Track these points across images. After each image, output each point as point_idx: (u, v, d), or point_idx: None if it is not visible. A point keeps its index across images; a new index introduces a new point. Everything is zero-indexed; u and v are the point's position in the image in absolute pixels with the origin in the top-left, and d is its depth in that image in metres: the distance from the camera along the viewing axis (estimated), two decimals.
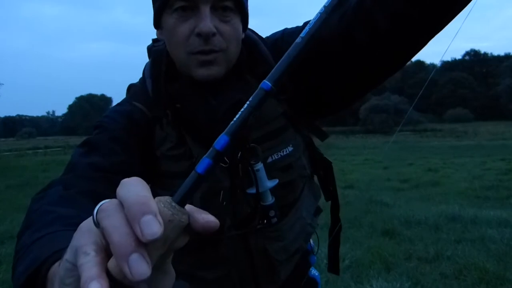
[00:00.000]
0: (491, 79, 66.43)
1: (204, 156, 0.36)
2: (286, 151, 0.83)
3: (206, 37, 0.74)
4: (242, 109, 0.38)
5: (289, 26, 0.90)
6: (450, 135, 27.88)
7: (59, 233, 0.51)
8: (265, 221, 0.83)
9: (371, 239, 3.97)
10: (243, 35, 0.83)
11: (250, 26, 0.87)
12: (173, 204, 0.34)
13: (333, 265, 1.02)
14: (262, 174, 0.79)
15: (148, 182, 0.77)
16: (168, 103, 0.81)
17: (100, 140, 0.78)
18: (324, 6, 0.41)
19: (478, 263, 3.12)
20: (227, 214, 0.81)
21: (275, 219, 0.83)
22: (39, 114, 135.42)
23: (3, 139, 72.70)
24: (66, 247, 0.36)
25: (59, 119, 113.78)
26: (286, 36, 0.86)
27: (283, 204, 0.84)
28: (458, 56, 75.87)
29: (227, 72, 0.79)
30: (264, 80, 0.39)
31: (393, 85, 59.68)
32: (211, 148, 0.37)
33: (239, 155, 0.79)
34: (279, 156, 0.82)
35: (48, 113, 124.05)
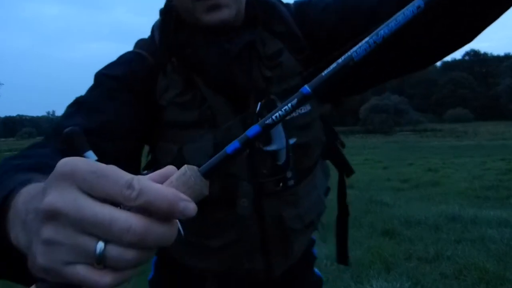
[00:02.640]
0: (491, 79, 66.41)
1: (236, 139, 0.37)
2: (304, 109, 0.80)
3: None
4: (277, 109, 0.38)
5: None
6: (450, 135, 27.86)
7: (11, 174, 0.48)
8: (281, 184, 0.79)
9: (371, 239, 3.97)
10: None
11: None
12: (198, 173, 0.35)
13: (342, 256, 0.99)
14: (280, 130, 0.76)
15: (149, 136, 0.77)
16: (176, 50, 0.78)
17: (89, 99, 0.74)
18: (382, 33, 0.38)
19: (478, 263, 3.11)
20: (243, 172, 0.76)
21: (291, 182, 0.79)
22: (39, 114, 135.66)
23: (3, 139, 72.75)
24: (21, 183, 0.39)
25: None
26: (312, 2, 0.83)
27: (299, 168, 0.81)
28: (458, 56, 75.99)
29: (238, 16, 0.77)
30: (305, 85, 0.39)
31: (393, 85, 59.67)
32: (242, 134, 0.37)
33: (258, 107, 0.76)
34: (297, 113, 0.78)
35: (48, 113, 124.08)
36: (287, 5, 0.85)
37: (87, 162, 0.32)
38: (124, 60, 0.80)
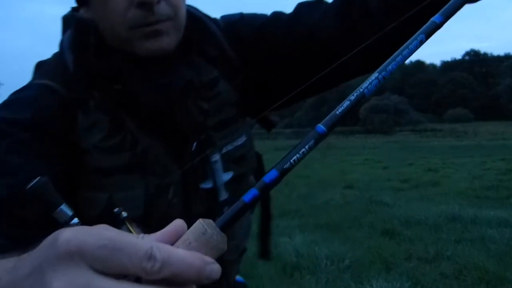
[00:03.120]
0: (491, 79, 66.41)
1: (253, 187, 0.36)
2: (240, 141, 0.76)
3: (149, 5, 0.62)
4: (293, 152, 0.37)
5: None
6: (450, 135, 27.85)
7: None
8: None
9: (371, 239, 3.97)
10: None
11: None
12: (217, 229, 0.33)
13: (264, 251, 0.93)
14: (219, 166, 0.72)
15: (70, 185, 0.65)
16: (100, 82, 0.66)
17: None
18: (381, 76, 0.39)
19: (478, 263, 3.12)
20: (178, 213, 0.69)
21: None
22: None
23: None
24: None
25: None
26: (245, 21, 0.79)
27: (233, 200, 0.76)
28: (458, 56, 76.03)
29: (177, 45, 0.68)
30: (319, 124, 0.38)
31: (393, 85, 59.71)
32: (260, 180, 0.36)
33: (194, 145, 0.70)
34: (233, 146, 0.75)
35: None
36: (215, 20, 0.79)
37: (94, 234, 0.29)
38: (29, 97, 0.65)
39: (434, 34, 0.43)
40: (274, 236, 4.50)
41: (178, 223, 0.33)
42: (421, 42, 0.40)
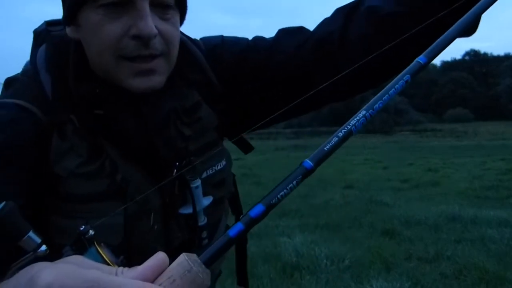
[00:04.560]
0: (491, 79, 66.39)
1: (238, 221, 0.36)
2: (220, 166, 0.75)
3: (147, 40, 0.60)
4: (280, 187, 0.38)
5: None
6: (450, 135, 27.86)
7: None
8: (196, 243, 0.73)
9: (371, 239, 3.98)
10: None
11: (251, 27, 0.83)
12: (202, 265, 0.32)
13: (242, 278, 0.92)
14: (199, 191, 0.70)
15: (40, 211, 0.62)
16: (79, 106, 0.63)
17: None
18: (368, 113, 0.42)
19: (478, 263, 3.12)
20: (159, 240, 0.68)
21: (206, 241, 0.74)
22: None
23: None
24: None
25: None
26: (226, 45, 0.79)
27: (210, 224, 0.75)
28: (458, 56, 75.95)
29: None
30: (307, 160, 0.40)
31: None
32: (244, 214, 0.36)
33: (174, 171, 0.68)
34: (214, 171, 0.74)
35: None
36: (197, 43, 0.77)
37: (75, 277, 0.29)
38: (3, 117, 0.62)
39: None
40: (274, 236, 4.52)
41: (160, 257, 0.32)
42: (407, 82, 0.43)
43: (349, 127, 0.40)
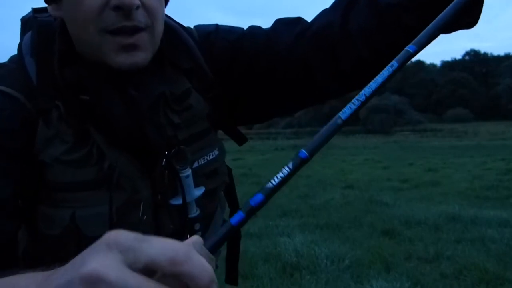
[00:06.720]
0: (491, 79, 66.39)
1: (240, 210, 0.37)
2: (212, 155, 0.73)
3: (128, 10, 0.58)
4: (280, 174, 0.39)
5: None
6: (450, 135, 27.88)
7: None
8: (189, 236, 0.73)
9: (371, 239, 3.97)
10: None
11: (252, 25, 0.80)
12: (206, 250, 0.34)
13: (232, 276, 0.91)
14: (190, 181, 0.68)
15: (30, 201, 0.62)
16: (64, 92, 0.62)
17: None
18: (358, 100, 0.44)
19: (478, 263, 3.12)
20: (148, 231, 0.64)
21: (199, 233, 0.71)
22: None
23: None
24: None
25: None
26: (221, 32, 0.76)
27: (204, 216, 0.73)
28: (458, 56, 76.06)
29: (151, 58, 0.65)
30: (302, 149, 0.41)
31: (393, 85, 59.70)
32: (245, 202, 0.38)
33: (164, 161, 0.66)
34: (206, 160, 0.72)
35: None
36: (190, 31, 0.75)
37: (129, 233, 0.32)
38: None
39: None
40: (274, 236, 4.52)
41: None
42: (392, 67, 0.45)
43: (338, 114, 0.42)
